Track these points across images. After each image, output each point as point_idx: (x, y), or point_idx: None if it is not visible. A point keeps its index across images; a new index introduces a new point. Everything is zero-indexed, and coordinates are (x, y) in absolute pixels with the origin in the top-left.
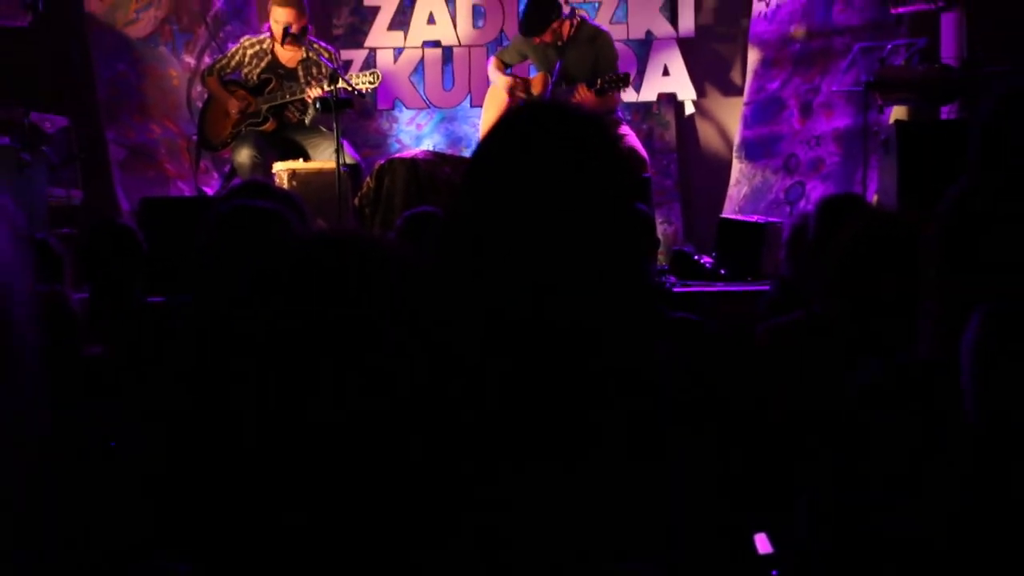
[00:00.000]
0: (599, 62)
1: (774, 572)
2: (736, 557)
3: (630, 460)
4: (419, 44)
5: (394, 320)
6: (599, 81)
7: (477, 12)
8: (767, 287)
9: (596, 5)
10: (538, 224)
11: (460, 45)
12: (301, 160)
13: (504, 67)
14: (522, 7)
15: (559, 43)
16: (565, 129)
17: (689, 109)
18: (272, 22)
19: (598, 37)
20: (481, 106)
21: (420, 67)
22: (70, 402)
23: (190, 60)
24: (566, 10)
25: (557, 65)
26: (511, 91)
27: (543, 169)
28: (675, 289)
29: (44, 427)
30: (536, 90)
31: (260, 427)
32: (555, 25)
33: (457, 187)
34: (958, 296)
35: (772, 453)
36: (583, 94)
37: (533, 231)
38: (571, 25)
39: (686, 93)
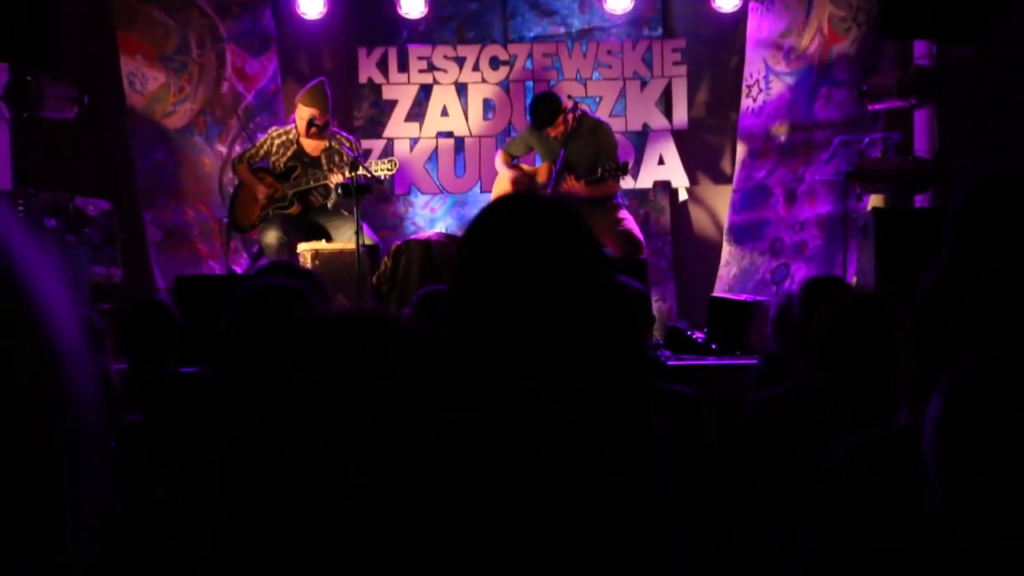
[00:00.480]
0: (600, 151)
1: None
2: None
3: (628, 520)
4: (433, 135)
5: (408, 388)
6: (600, 170)
7: (487, 105)
8: (755, 361)
9: (597, 99)
10: (519, 303)
11: (471, 136)
12: (324, 241)
13: (511, 159)
14: (530, 103)
15: (564, 135)
16: (547, 217)
17: (682, 196)
18: (298, 117)
19: (598, 128)
20: (490, 192)
21: (434, 156)
22: (110, 466)
23: (222, 149)
24: (568, 104)
25: (561, 154)
26: (515, 183)
27: (518, 253)
28: (669, 362)
29: (108, 500)
30: (541, 179)
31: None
32: (559, 121)
33: (456, 267)
34: (932, 373)
35: (762, 515)
36: (571, 184)
37: (516, 309)
38: (574, 117)
39: (680, 181)
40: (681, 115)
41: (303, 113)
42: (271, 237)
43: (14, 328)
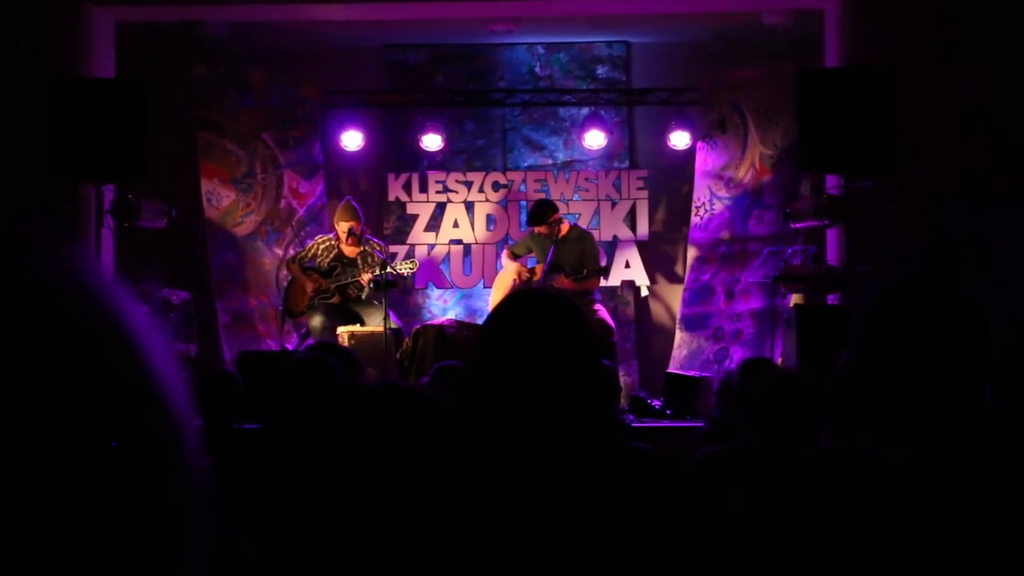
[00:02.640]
0: (585, 255)
1: None
2: None
3: (596, 565)
4: (447, 242)
5: (428, 448)
6: (585, 270)
7: (490, 219)
8: (701, 423)
9: (577, 216)
10: (528, 379)
11: (477, 243)
12: (358, 325)
13: (514, 256)
14: (529, 209)
15: (555, 238)
16: (546, 309)
17: (644, 292)
18: (339, 229)
19: (583, 236)
20: (491, 287)
21: (447, 258)
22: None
23: (279, 251)
24: (562, 215)
25: (551, 251)
26: (519, 273)
27: (531, 338)
28: (633, 424)
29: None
30: (537, 276)
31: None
32: (552, 220)
33: (473, 347)
34: (847, 432)
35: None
36: (561, 281)
37: (525, 385)
38: (568, 226)
39: (642, 280)
40: (643, 229)
41: (343, 226)
42: (316, 321)
43: (136, 386)
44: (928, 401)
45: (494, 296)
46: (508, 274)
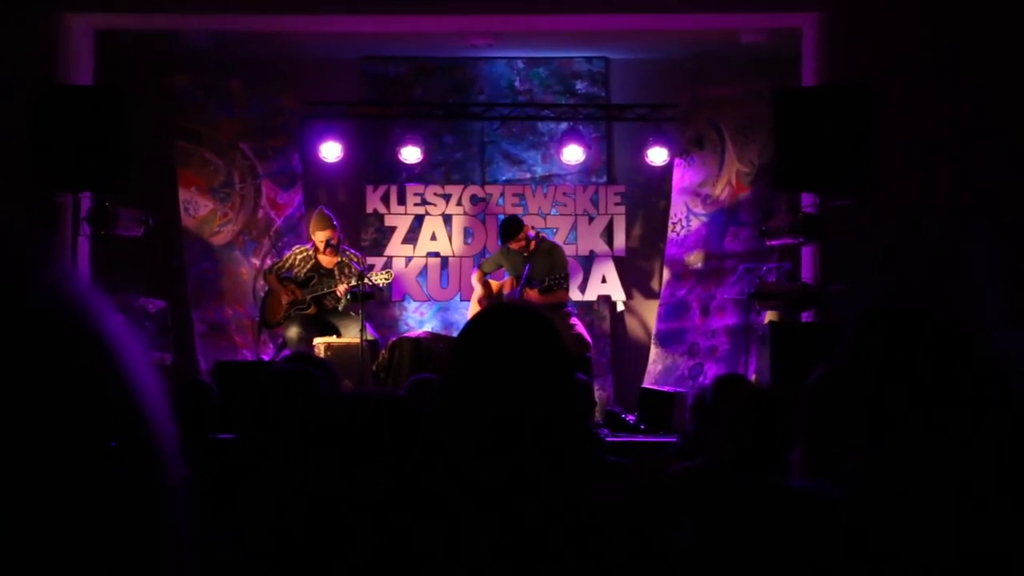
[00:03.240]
0: (554, 267)
1: None
2: None
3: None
4: (424, 254)
5: (414, 455)
6: (548, 280)
7: (467, 232)
8: (675, 439)
9: (554, 230)
10: (501, 389)
11: (454, 256)
12: (335, 336)
13: (483, 275)
14: (499, 225)
15: (526, 253)
16: (518, 322)
17: (620, 307)
18: (316, 240)
19: (553, 249)
20: (468, 300)
21: (424, 271)
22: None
23: (256, 261)
24: (531, 232)
25: (526, 269)
26: (480, 302)
27: (504, 349)
28: (608, 439)
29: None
30: (506, 291)
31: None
32: (521, 236)
33: (448, 360)
34: (821, 443)
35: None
36: (529, 293)
37: (498, 395)
38: (536, 241)
39: (618, 295)
40: (620, 244)
41: (320, 236)
42: (292, 332)
43: (113, 393)
44: (918, 407)
45: (472, 309)
46: (478, 294)
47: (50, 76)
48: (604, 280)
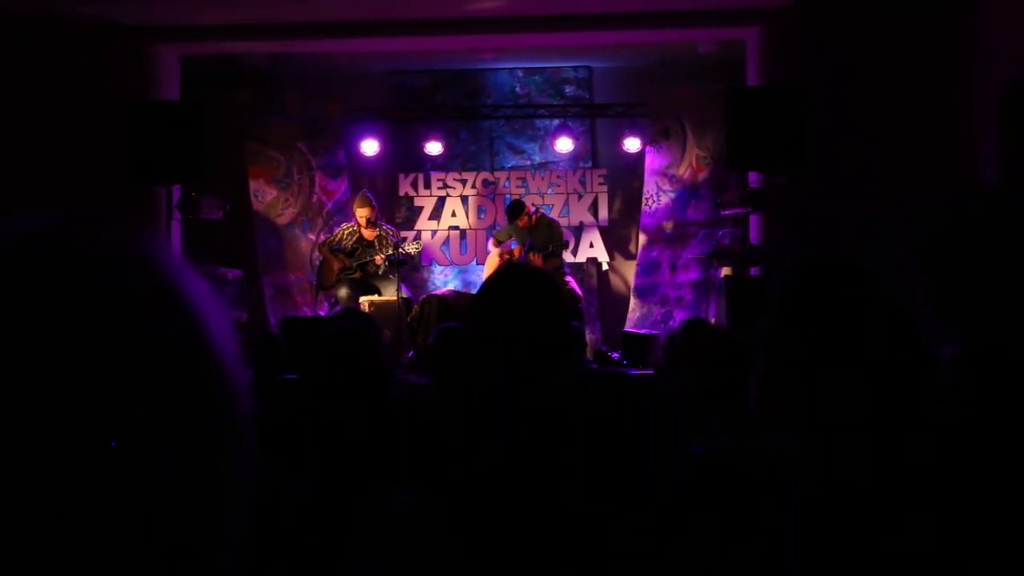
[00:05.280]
0: (552, 237)
1: None
2: None
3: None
4: (447, 228)
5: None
6: (551, 246)
7: (480, 209)
8: (650, 371)
9: (550, 206)
10: (512, 333)
11: (470, 228)
12: (376, 295)
13: (497, 243)
14: (506, 206)
15: (529, 227)
16: (527, 280)
17: (604, 267)
18: (359, 216)
19: (552, 224)
20: (483, 264)
21: (447, 241)
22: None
23: (312, 237)
24: (531, 209)
25: (528, 241)
26: (500, 256)
27: (515, 300)
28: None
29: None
30: (516, 255)
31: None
32: (524, 215)
33: (469, 311)
34: (768, 378)
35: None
36: (534, 258)
37: (510, 338)
38: (537, 217)
39: (603, 258)
40: (604, 216)
41: (362, 213)
42: (342, 293)
43: (199, 342)
44: (841, 350)
45: (486, 272)
46: (493, 257)
47: (147, 94)
48: (591, 245)
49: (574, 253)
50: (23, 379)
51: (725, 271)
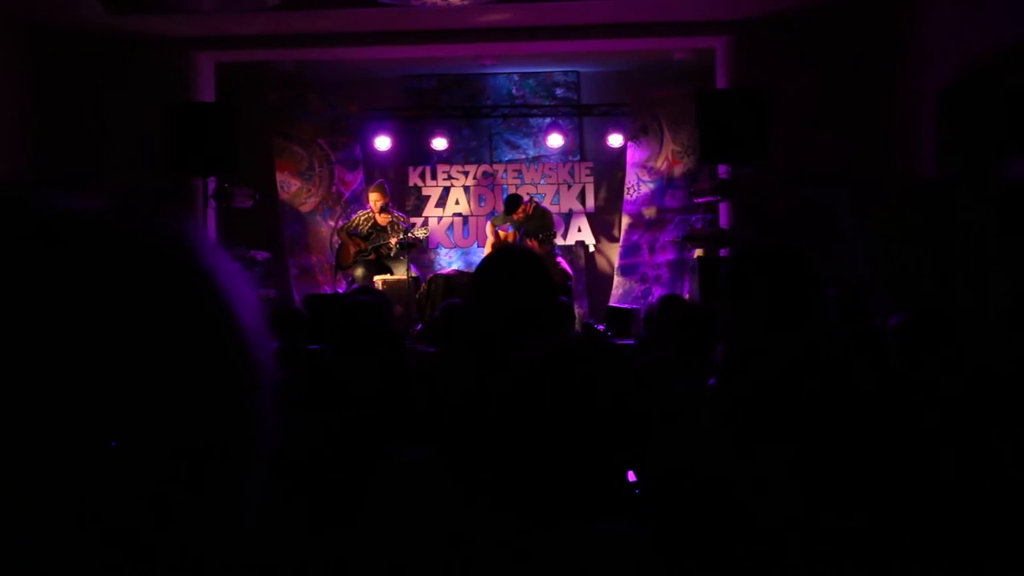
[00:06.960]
0: (544, 225)
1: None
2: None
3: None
4: (451, 215)
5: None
6: (541, 235)
7: (481, 198)
8: (632, 342)
9: (543, 195)
10: (508, 302)
11: (472, 215)
12: (389, 275)
13: (494, 228)
14: (504, 199)
15: (525, 218)
16: (519, 260)
17: (591, 249)
18: (372, 202)
19: (545, 214)
20: (483, 246)
21: (451, 226)
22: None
23: (331, 223)
24: (527, 199)
25: (522, 229)
26: (495, 243)
27: (509, 278)
28: None
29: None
30: (511, 238)
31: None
32: (520, 209)
33: (473, 279)
34: (733, 335)
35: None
36: (530, 243)
37: (505, 306)
38: (532, 207)
39: (590, 241)
40: (590, 204)
41: (373, 197)
42: (359, 272)
43: (225, 315)
44: (773, 322)
45: (486, 254)
46: (491, 241)
47: (186, 96)
48: (580, 230)
49: (564, 237)
50: (80, 330)
51: (698, 252)
